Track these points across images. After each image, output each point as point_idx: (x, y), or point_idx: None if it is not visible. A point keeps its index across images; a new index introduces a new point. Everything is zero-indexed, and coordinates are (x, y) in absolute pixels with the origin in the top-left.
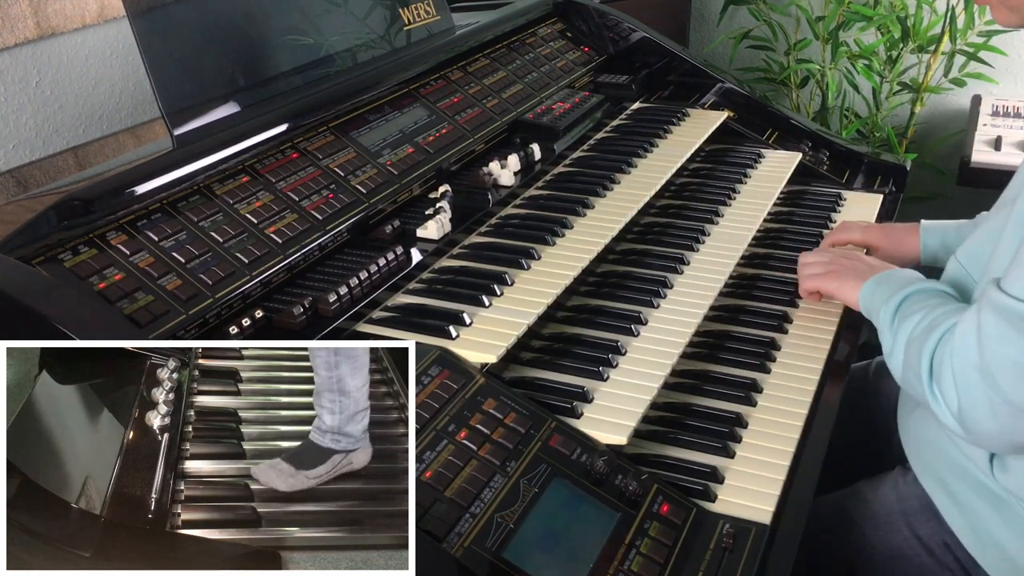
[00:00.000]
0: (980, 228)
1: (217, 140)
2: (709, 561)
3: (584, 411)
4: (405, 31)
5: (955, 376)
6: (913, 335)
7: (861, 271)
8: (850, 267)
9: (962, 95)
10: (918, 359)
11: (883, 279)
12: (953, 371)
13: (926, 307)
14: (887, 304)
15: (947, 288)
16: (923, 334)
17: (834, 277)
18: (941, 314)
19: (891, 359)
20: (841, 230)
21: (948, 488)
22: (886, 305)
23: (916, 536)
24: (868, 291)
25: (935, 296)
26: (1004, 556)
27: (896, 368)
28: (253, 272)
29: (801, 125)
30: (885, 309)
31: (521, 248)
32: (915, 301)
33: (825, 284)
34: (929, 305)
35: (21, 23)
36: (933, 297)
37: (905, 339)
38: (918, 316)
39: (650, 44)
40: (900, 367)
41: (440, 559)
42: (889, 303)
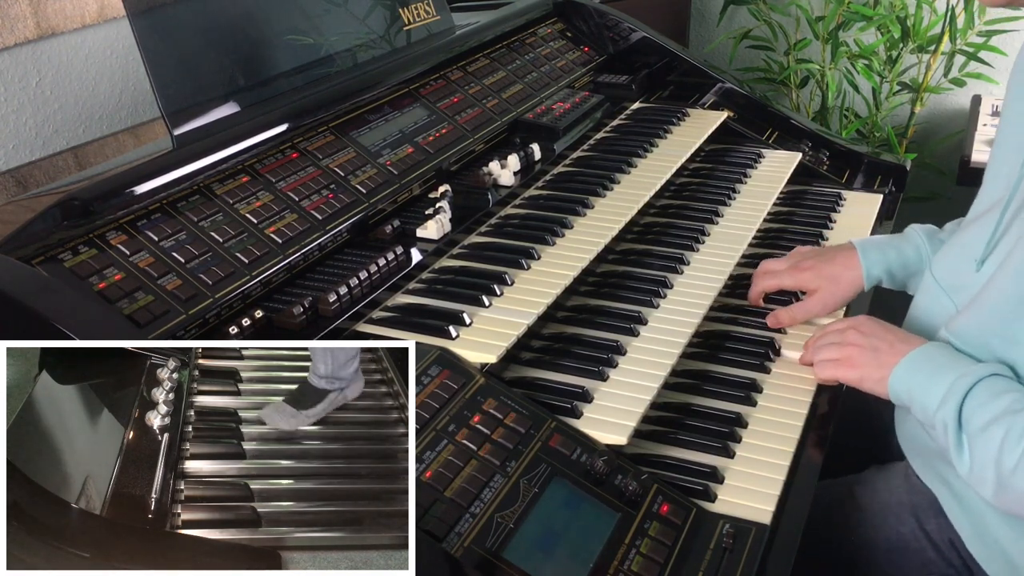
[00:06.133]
0: (955, 241)
1: (217, 140)
2: (709, 561)
3: (584, 411)
4: (405, 31)
5: None
6: (1006, 462)
7: (880, 353)
8: (867, 349)
9: (962, 95)
10: None
11: (914, 368)
12: None
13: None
14: (943, 409)
15: (1000, 369)
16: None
17: (850, 366)
18: None
19: (973, 478)
20: (766, 275)
21: (951, 488)
22: (942, 410)
23: (923, 530)
24: (901, 385)
25: (1002, 393)
26: (1005, 558)
27: (984, 489)
28: (253, 272)
29: (801, 125)
30: (942, 414)
31: (521, 248)
32: (981, 405)
33: (842, 375)
34: (1003, 412)
35: (21, 23)
36: (1000, 395)
37: (992, 462)
38: (999, 431)
39: (650, 44)
40: (992, 492)
41: (440, 559)
42: (945, 408)
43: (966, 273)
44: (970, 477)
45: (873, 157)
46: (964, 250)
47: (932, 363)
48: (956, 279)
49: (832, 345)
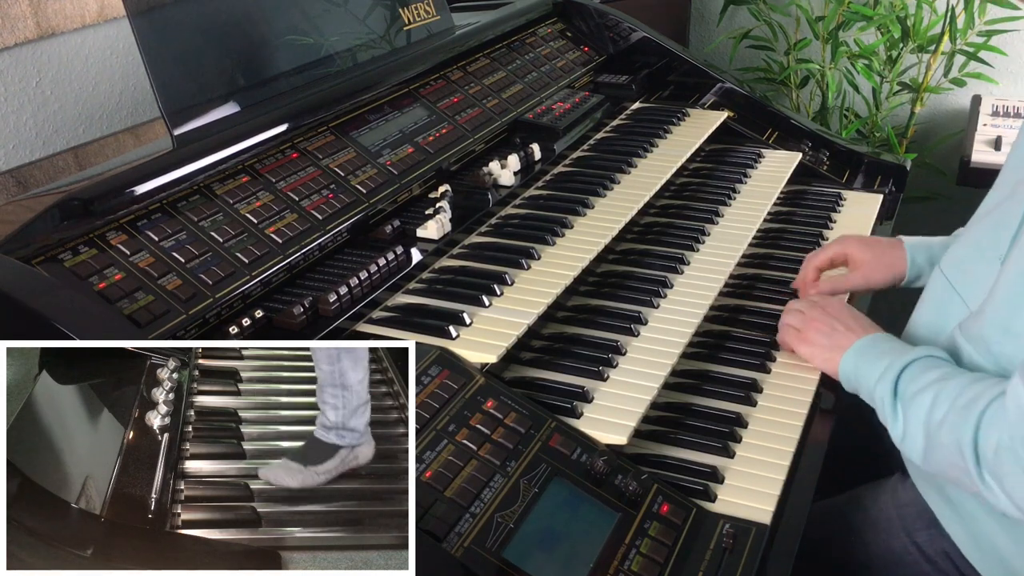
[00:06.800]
0: (964, 237)
1: (217, 140)
2: (709, 561)
3: (584, 411)
4: (405, 31)
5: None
6: (935, 418)
7: (835, 335)
8: (824, 330)
9: (962, 95)
10: (955, 446)
11: (862, 352)
12: (1019, 457)
13: (933, 382)
14: (881, 383)
15: (937, 352)
16: (954, 416)
17: (805, 343)
18: (962, 391)
19: (905, 443)
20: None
21: (946, 496)
22: (880, 384)
23: (914, 543)
24: (849, 367)
25: (935, 367)
26: (1003, 564)
27: (914, 452)
28: (253, 272)
29: (801, 125)
30: (880, 389)
31: (521, 248)
32: (914, 377)
33: (798, 347)
34: (935, 380)
35: (21, 23)
36: (933, 369)
37: (922, 423)
38: (929, 395)
39: (650, 44)
40: (921, 452)
41: (440, 559)
42: (883, 383)
43: (977, 269)
44: (903, 442)
45: (873, 157)
46: (975, 246)
47: (877, 349)
48: (965, 275)
49: (798, 313)
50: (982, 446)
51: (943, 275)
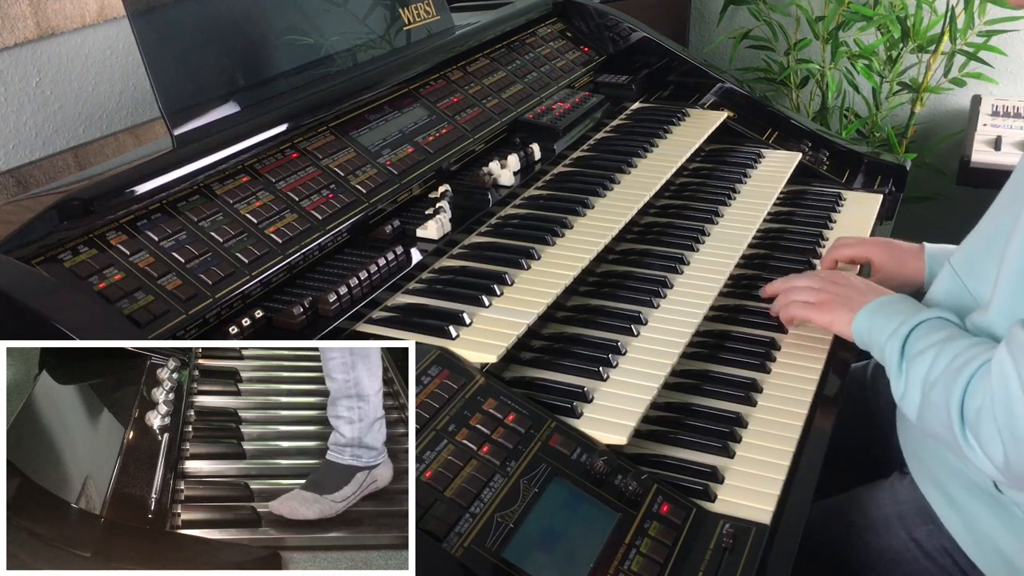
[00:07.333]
0: (975, 231)
1: (217, 140)
2: (709, 561)
3: (584, 411)
4: (405, 31)
5: (999, 425)
6: (931, 377)
7: (852, 300)
8: (841, 297)
9: (962, 95)
10: (944, 406)
11: (877, 310)
12: (996, 419)
13: (936, 343)
14: (891, 340)
15: (949, 315)
16: (946, 378)
17: (825, 310)
18: (959, 354)
19: (904, 400)
20: (839, 246)
21: (946, 492)
22: (890, 341)
23: (913, 540)
24: (863, 323)
25: (942, 328)
26: (1003, 559)
27: (911, 410)
28: (253, 272)
29: (801, 125)
30: (890, 346)
31: (521, 248)
32: (922, 336)
33: (815, 317)
34: (939, 341)
35: (21, 23)
36: (940, 330)
37: (920, 381)
38: (930, 354)
39: (650, 44)
40: (916, 409)
41: (440, 559)
42: (893, 340)
43: (986, 264)
44: (903, 400)
45: (873, 157)
46: (984, 240)
47: (892, 307)
48: (974, 269)
49: (808, 289)
50: (967, 407)
51: (952, 269)
